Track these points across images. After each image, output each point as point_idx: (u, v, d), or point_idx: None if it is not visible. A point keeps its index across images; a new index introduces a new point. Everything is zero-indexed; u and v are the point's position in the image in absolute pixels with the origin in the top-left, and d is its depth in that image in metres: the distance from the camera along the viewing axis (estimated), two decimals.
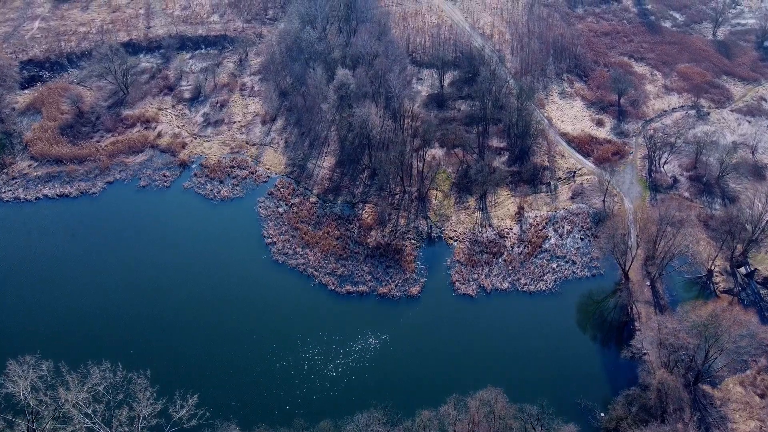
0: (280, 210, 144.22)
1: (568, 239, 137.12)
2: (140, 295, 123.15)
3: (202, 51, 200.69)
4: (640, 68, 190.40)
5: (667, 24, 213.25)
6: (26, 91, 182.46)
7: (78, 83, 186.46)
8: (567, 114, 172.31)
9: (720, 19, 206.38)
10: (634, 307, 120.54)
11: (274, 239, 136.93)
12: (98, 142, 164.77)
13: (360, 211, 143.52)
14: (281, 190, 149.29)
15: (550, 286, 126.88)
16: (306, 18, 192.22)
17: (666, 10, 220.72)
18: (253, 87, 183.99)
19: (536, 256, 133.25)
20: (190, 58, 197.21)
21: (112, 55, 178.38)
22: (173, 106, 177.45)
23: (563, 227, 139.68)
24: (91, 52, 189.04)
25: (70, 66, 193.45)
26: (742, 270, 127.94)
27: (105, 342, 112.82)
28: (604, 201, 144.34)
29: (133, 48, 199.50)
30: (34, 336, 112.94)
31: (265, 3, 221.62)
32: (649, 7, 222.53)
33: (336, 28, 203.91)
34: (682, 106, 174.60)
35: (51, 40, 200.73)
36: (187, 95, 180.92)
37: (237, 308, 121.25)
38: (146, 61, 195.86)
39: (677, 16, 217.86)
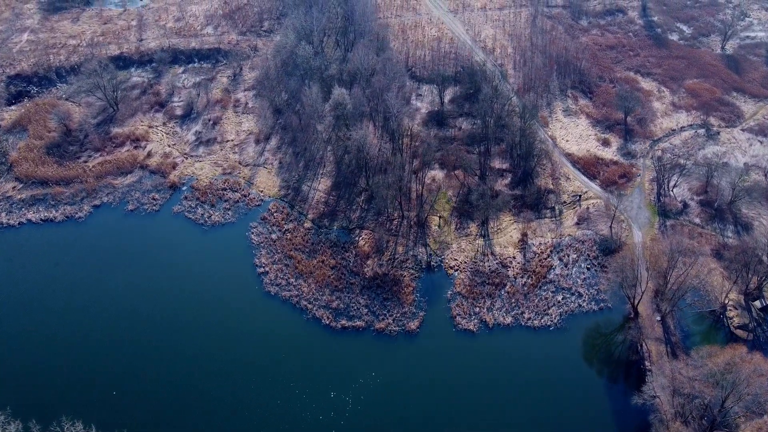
0: (273, 236, 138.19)
1: (574, 269, 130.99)
2: (123, 334, 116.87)
3: (195, 65, 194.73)
4: (646, 84, 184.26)
5: (674, 37, 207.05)
6: (12, 108, 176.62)
7: (67, 99, 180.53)
8: (572, 133, 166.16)
9: (729, 32, 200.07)
10: (644, 344, 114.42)
11: (267, 268, 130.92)
12: (86, 162, 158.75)
13: (356, 238, 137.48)
14: (275, 214, 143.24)
15: (556, 320, 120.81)
16: (301, 32, 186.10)
17: (673, 22, 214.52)
18: (246, 103, 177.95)
19: (540, 287, 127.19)
20: (182, 72, 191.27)
21: (101, 70, 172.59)
22: (164, 124, 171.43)
23: (569, 256, 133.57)
24: (81, 67, 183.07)
25: (59, 80, 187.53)
26: (757, 304, 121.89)
27: (83, 389, 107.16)
28: (611, 227, 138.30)
29: (124, 62, 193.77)
30: (6, 387, 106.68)
31: (260, 14, 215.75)
32: (656, 18, 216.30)
33: (333, 40, 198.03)
34: (691, 125, 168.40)
35: (39, 53, 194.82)
36: (178, 112, 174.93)
37: (226, 346, 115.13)
38: (137, 76, 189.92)
39: (684, 28, 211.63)
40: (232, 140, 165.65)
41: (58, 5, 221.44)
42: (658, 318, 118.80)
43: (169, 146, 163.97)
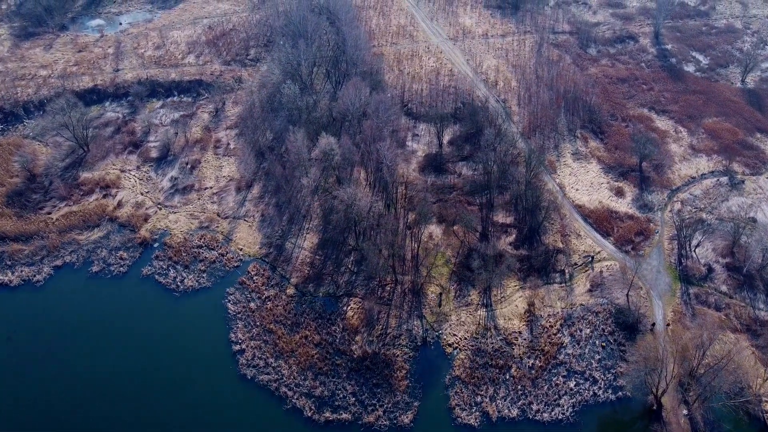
0: (252, 305, 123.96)
1: (587, 348, 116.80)
2: (81, 422, 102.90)
3: (175, 98, 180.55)
4: (662, 123, 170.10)
5: (690, 68, 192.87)
6: None
7: (34, 138, 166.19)
8: (582, 180, 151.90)
9: (750, 63, 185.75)
10: None
11: (244, 345, 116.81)
12: (49, 213, 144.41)
13: (344, 308, 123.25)
14: (254, 278, 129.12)
15: (568, 413, 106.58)
16: (288, 67, 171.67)
17: (688, 51, 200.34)
18: (228, 144, 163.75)
19: (550, 370, 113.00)
20: (160, 107, 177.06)
21: (69, 108, 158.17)
22: (138, 167, 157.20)
23: (581, 331, 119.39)
24: (48, 103, 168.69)
25: (27, 116, 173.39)
26: None
27: None
28: (627, 295, 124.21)
29: (97, 95, 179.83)
30: None
31: (246, 41, 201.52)
32: (669, 47, 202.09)
33: (323, 71, 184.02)
34: (712, 172, 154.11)
35: (7, 85, 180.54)
36: (154, 154, 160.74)
37: None
38: (112, 111, 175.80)
39: (701, 58, 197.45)
40: (211, 187, 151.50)
41: (31, 30, 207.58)
42: (685, 412, 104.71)
43: (141, 194, 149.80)
